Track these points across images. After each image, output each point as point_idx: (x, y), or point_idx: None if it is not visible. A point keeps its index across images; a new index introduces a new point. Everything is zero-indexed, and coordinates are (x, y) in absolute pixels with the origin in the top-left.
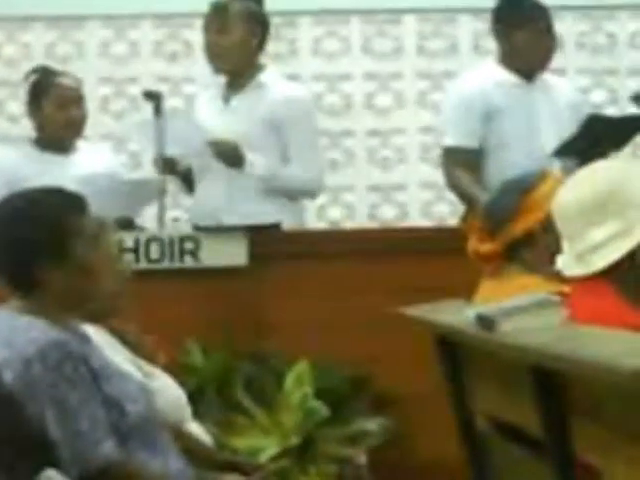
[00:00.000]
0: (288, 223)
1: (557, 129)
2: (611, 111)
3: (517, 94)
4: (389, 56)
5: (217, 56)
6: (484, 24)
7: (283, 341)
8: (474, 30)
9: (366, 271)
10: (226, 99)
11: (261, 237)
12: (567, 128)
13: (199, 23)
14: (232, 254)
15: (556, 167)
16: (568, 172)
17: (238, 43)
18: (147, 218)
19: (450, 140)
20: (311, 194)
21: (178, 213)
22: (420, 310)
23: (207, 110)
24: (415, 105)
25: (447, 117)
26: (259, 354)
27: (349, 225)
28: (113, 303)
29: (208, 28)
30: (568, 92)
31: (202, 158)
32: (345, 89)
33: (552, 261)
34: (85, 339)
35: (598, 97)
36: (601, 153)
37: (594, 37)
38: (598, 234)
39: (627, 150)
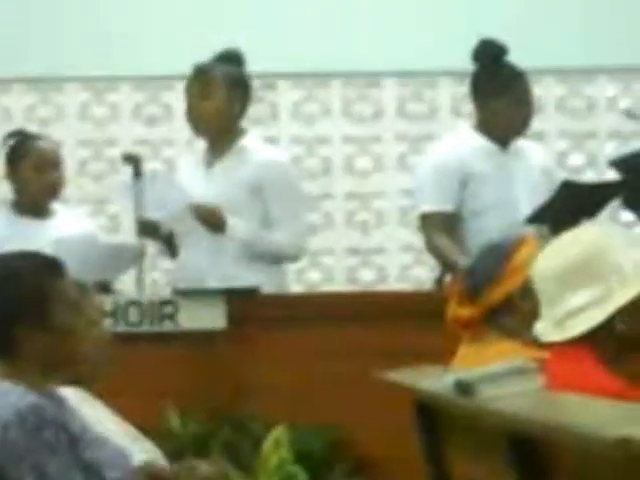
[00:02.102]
0: (269, 287)
1: (532, 195)
2: (589, 175)
3: (493, 160)
4: (369, 119)
5: (199, 120)
6: (464, 87)
7: (261, 405)
8: (454, 93)
9: (345, 335)
10: (207, 163)
11: (240, 301)
12: (541, 194)
13: (179, 86)
14: (211, 318)
15: (531, 233)
16: (542, 238)
17: (220, 108)
18: (126, 281)
19: (428, 205)
20: (293, 258)
21: (157, 276)
22: (399, 375)
23: (188, 174)
24: (394, 168)
25: (424, 182)
26: (237, 418)
27: (328, 288)
28: (94, 367)
29: (190, 92)
30: (542, 157)
31: (183, 222)
32: (324, 152)
33: (531, 327)
34: (64, 404)
35: (577, 160)
36: (574, 220)
37: (573, 100)
38: (576, 300)
39: (604, 216)
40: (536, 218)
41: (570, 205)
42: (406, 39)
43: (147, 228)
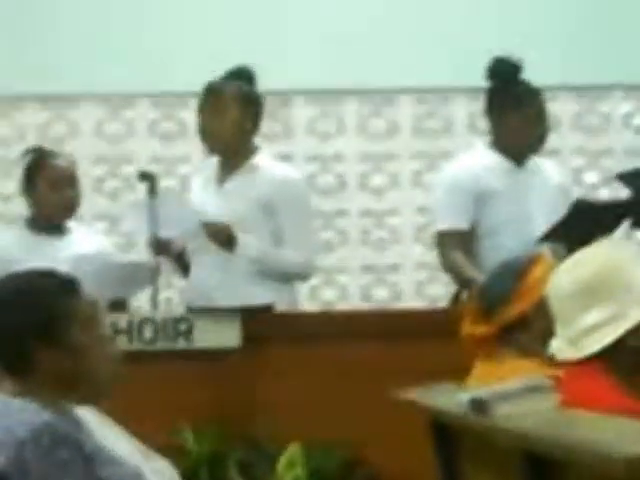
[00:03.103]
0: (281, 304)
1: (548, 213)
2: (605, 192)
3: (508, 178)
4: (384, 136)
5: (211, 138)
6: (479, 104)
7: (276, 423)
8: (469, 110)
9: (359, 353)
10: (220, 181)
11: (254, 319)
12: (557, 211)
13: (194, 103)
14: (225, 336)
15: (546, 251)
16: (557, 256)
17: (232, 125)
18: (140, 299)
19: (443, 223)
20: (303, 277)
21: (171, 294)
22: (413, 393)
23: (201, 192)
24: (410, 185)
25: (439, 201)
26: (252, 436)
27: (342, 306)
28: (107, 386)
29: (202, 109)
30: (557, 175)
31: (195, 239)
32: (339, 169)
33: (546, 345)
34: (78, 423)
35: (592, 178)
36: (588, 238)
37: (588, 118)
38: (591, 318)
39: (618, 234)
40: (550, 236)
41: (584, 223)
42: (421, 56)
43: (159, 246)
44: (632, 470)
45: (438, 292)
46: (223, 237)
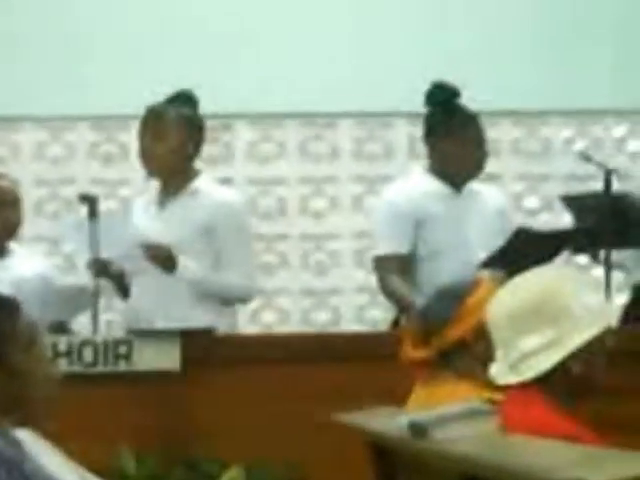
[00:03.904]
0: (221, 327)
1: (486, 238)
2: (545, 217)
3: (446, 203)
4: (324, 160)
5: (152, 162)
6: (419, 129)
7: (217, 446)
8: (410, 134)
9: (299, 376)
10: (161, 204)
11: (194, 341)
12: (496, 236)
13: (135, 125)
14: (165, 358)
15: (485, 275)
16: (497, 281)
17: (173, 149)
18: (81, 321)
19: (382, 248)
20: (244, 299)
21: (111, 316)
22: (353, 417)
23: (142, 215)
24: (350, 209)
25: (378, 225)
26: (192, 459)
27: (283, 329)
28: (45, 408)
29: (143, 133)
30: (496, 200)
31: (136, 261)
32: (280, 193)
33: (485, 369)
34: (18, 444)
35: (532, 203)
36: (528, 266)
37: (528, 143)
38: (530, 343)
39: (558, 262)
40: (490, 263)
41: (524, 251)
42: (362, 80)
43: (100, 267)
44: None
45: (378, 316)
46: (163, 259)
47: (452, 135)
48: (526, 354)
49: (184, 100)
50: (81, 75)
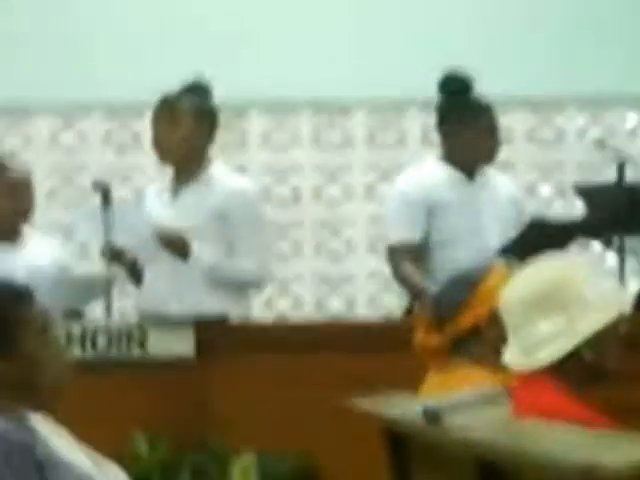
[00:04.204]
0: (234, 314)
1: (500, 225)
2: (558, 205)
3: (459, 191)
4: (338, 148)
5: (166, 150)
6: (433, 116)
7: (230, 432)
8: (423, 122)
9: (312, 363)
10: (174, 192)
11: (208, 328)
12: (509, 224)
13: (149, 114)
14: (179, 345)
15: (499, 262)
16: (511, 268)
17: (187, 138)
18: (94, 308)
19: (395, 236)
20: (257, 286)
21: (125, 303)
22: (367, 403)
23: (155, 202)
24: (364, 197)
25: (391, 213)
26: (205, 445)
27: (296, 316)
28: (58, 394)
29: (157, 122)
30: (509, 188)
31: (149, 249)
32: (294, 181)
33: (499, 355)
34: (30, 429)
35: (546, 191)
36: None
37: (542, 131)
38: (543, 329)
39: (572, 249)
40: (504, 254)
41: (538, 242)
42: (376, 68)
43: (113, 255)
44: (583, 478)
45: (392, 303)
46: (177, 246)
47: (465, 124)
48: (539, 340)
49: (198, 89)
50: (96, 63)
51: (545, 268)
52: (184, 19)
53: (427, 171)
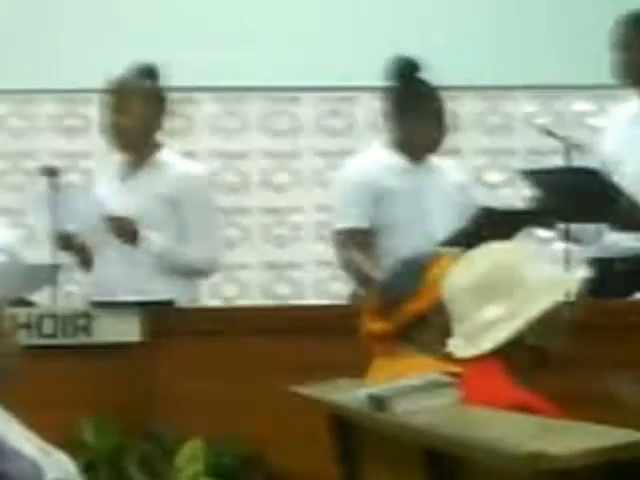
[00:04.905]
0: (183, 300)
1: (446, 212)
2: (506, 192)
3: (406, 177)
4: (287, 134)
5: (116, 135)
6: (381, 103)
7: (177, 418)
8: (371, 109)
9: (260, 349)
10: (124, 177)
11: (155, 314)
12: (456, 211)
13: (97, 99)
14: (126, 330)
15: (447, 249)
16: (456, 255)
17: (136, 122)
18: (40, 293)
19: (342, 222)
20: (207, 272)
21: (72, 288)
22: (313, 389)
23: (106, 187)
24: (312, 183)
25: (338, 199)
26: (152, 431)
27: (243, 303)
28: (6, 380)
29: (106, 107)
30: (456, 174)
31: (99, 234)
32: (242, 167)
33: (445, 342)
34: None
35: (494, 177)
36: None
37: (491, 117)
38: (486, 315)
39: (518, 237)
40: (451, 242)
41: (486, 230)
42: (325, 55)
43: (62, 240)
44: (528, 466)
45: (339, 289)
46: (126, 232)
47: (412, 110)
48: (482, 327)
49: (146, 73)
50: (44, 48)
51: (487, 255)
52: (134, 4)
53: (374, 157)
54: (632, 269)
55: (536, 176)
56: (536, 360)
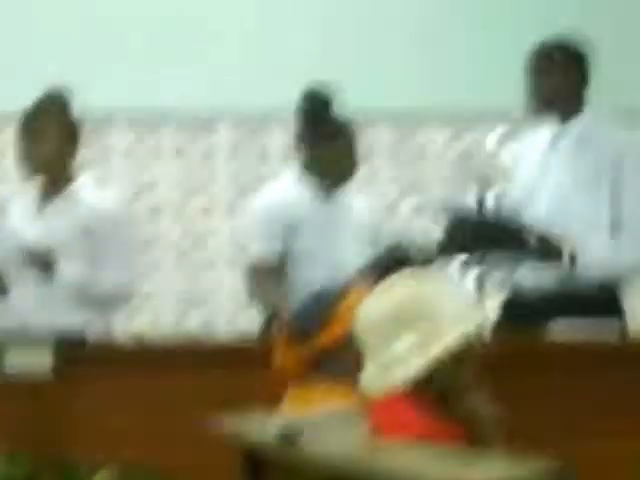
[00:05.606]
0: (96, 331)
1: (357, 244)
2: (418, 223)
3: (317, 208)
4: (200, 162)
5: (30, 163)
6: (293, 133)
7: (88, 450)
8: (285, 137)
9: (173, 381)
10: (39, 206)
11: (67, 346)
12: (367, 242)
13: (10, 124)
14: (37, 362)
15: (358, 281)
16: (368, 287)
17: (51, 151)
18: None
19: (253, 253)
20: (122, 302)
21: None
22: (225, 424)
23: (20, 216)
24: (225, 212)
25: (249, 230)
26: (63, 463)
27: (156, 333)
28: None
29: (20, 135)
30: (367, 206)
31: (14, 263)
32: (155, 195)
33: (357, 373)
34: None
35: (406, 209)
36: None
37: (404, 147)
38: (396, 349)
39: (430, 268)
40: (363, 273)
41: (398, 263)
42: (239, 82)
43: None
44: None
45: (251, 320)
46: (40, 262)
47: (322, 143)
48: (393, 361)
49: (60, 102)
50: None
51: (397, 287)
52: (46, 29)
53: (286, 187)
54: (544, 296)
55: (449, 214)
56: (445, 394)
